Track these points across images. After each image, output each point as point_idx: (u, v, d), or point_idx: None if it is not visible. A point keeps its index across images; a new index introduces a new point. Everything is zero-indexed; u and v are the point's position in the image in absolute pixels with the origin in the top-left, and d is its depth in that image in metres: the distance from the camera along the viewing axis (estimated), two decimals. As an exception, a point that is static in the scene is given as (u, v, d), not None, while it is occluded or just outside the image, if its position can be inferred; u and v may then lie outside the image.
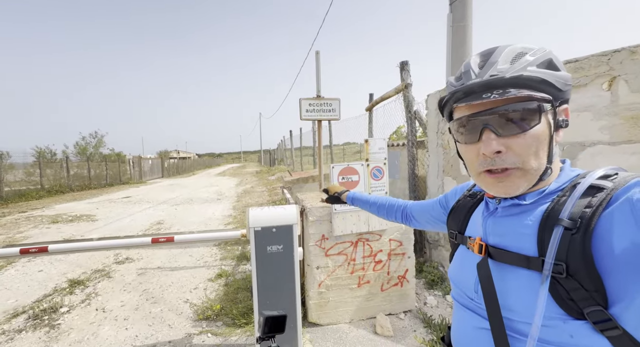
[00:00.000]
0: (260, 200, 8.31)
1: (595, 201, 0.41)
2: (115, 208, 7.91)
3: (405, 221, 0.93)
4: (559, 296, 0.41)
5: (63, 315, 2.52)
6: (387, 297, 2.37)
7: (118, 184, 15.46)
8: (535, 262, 0.43)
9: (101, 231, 5.40)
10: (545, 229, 0.43)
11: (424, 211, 0.85)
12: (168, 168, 23.07)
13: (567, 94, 0.47)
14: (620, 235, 0.37)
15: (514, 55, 0.46)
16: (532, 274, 0.44)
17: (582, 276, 0.39)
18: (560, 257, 0.40)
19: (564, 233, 0.41)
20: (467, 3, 3.53)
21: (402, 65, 3.40)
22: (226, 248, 4.12)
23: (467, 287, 0.55)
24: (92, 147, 19.18)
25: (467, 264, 0.56)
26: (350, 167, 2.17)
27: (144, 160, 19.43)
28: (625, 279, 0.37)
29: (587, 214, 0.40)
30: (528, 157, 0.45)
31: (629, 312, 0.37)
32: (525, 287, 0.44)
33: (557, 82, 0.44)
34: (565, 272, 0.40)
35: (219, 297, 2.74)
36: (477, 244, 0.53)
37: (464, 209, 0.63)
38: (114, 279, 3.24)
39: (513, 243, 0.48)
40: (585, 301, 0.39)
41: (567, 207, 0.42)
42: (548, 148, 0.46)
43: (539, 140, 0.45)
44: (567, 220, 0.41)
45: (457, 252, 0.62)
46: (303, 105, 3.09)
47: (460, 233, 0.61)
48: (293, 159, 14.16)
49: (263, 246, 1.75)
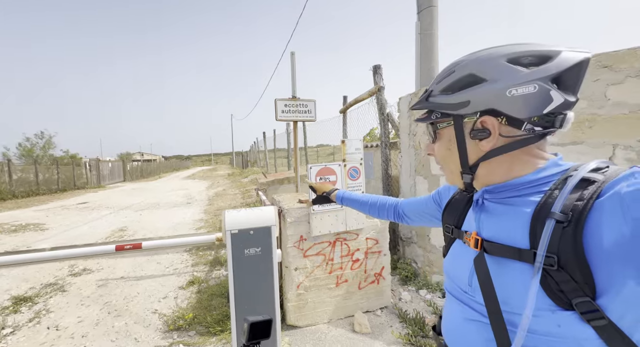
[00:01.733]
0: (233, 203, 8.05)
1: (587, 193, 0.42)
2: (69, 215, 7.19)
3: (398, 219, 0.95)
4: (549, 288, 0.42)
5: (6, 337, 2.23)
6: (365, 295, 2.41)
7: (72, 189, 14.08)
8: (527, 254, 0.44)
9: (52, 241, 4.88)
10: (538, 222, 0.44)
11: (416, 208, 0.87)
12: (131, 171, 21.50)
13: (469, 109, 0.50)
14: (609, 227, 0.38)
15: (430, 85, 0.57)
16: (524, 266, 0.45)
17: (572, 268, 0.40)
18: (552, 250, 0.41)
19: (556, 226, 0.42)
20: (434, 12, 3.75)
21: (374, 68, 3.51)
22: (198, 254, 3.93)
23: (461, 280, 0.57)
24: (39, 149, 17.30)
25: (462, 258, 0.58)
26: (327, 167, 2.19)
27: (103, 163, 17.92)
28: (613, 271, 0.38)
29: (578, 206, 0.41)
30: (441, 162, 0.60)
31: (615, 303, 0.39)
32: (518, 279, 0.45)
33: (444, 105, 0.53)
34: (557, 265, 0.41)
35: (191, 305, 2.60)
36: (472, 238, 0.54)
37: (461, 203, 0.65)
38: (69, 293, 2.94)
39: (506, 236, 0.49)
40: (574, 292, 0.40)
41: (559, 200, 0.43)
42: (459, 157, 0.54)
43: (441, 150, 0.58)
44: (559, 213, 0.42)
45: (452, 246, 0.63)
46: (279, 106, 3.06)
47: (457, 227, 0.62)
48: (267, 160, 13.93)
49: (240, 249, 1.70)
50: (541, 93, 0.45)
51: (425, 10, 3.75)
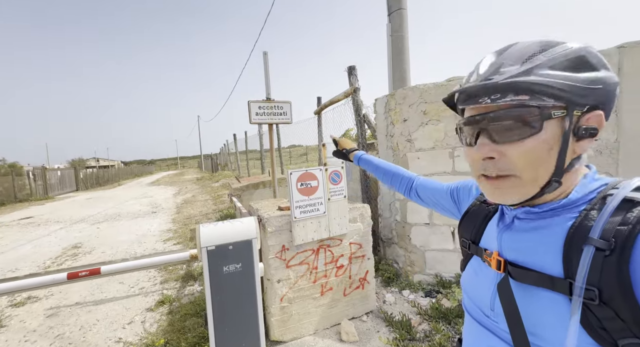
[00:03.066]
0: (204, 210, 7.62)
1: (632, 217, 0.36)
2: (8, 233, 6.29)
3: (407, 194, 0.92)
4: (590, 325, 0.37)
5: None
6: (350, 301, 2.36)
7: (12, 202, 12.42)
8: (561, 284, 0.39)
9: (-12, 265, 4.20)
10: (572, 247, 0.39)
11: (430, 192, 0.83)
12: (84, 179, 19.55)
13: (592, 99, 0.41)
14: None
15: (529, 55, 0.42)
16: (557, 296, 0.40)
17: (617, 304, 0.35)
18: (592, 282, 0.36)
19: (596, 254, 0.36)
20: (403, 15, 3.82)
21: (349, 69, 3.48)
22: (167, 269, 3.61)
23: (482, 303, 0.52)
24: (-30, 158, 15.07)
25: (482, 279, 0.52)
26: (308, 172, 2.09)
27: (51, 171, 16.07)
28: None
29: (622, 232, 0.36)
30: (525, 167, 0.42)
31: None
32: (549, 310, 0.41)
33: (570, 87, 0.40)
34: (598, 299, 0.36)
35: (162, 329, 2.35)
36: (494, 259, 0.49)
37: (479, 217, 0.58)
38: (9, 329, 2.51)
39: (533, 260, 0.44)
40: (620, 332, 0.35)
41: (598, 223, 0.38)
42: (557, 159, 0.42)
43: (540, 150, 0.42)
44: (598, 239, 0.37)
45: (470, 263, 0.57)
46: (252, 108, 2.91)
47: (474, 243, 0.57)
48: (238, 163, 13.44)
49: (218, 266, 1.55)
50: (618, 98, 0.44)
51: (395, 12, 3.81)
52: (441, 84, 2.60)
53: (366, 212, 2.42)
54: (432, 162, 2.66)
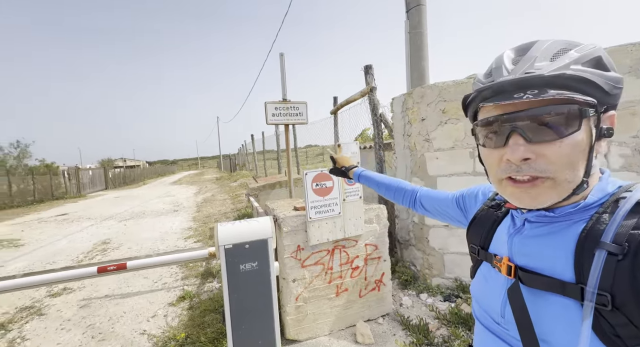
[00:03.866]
0: (223, 209, 7.83)
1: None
2: (47, 229, 6.79)
3: (412, 206, 0.90)
4: (602, 331, 0.36)
5: (-24, 371, 2.02)
6: (366, 303, 2.33)
7: (50, 200, 13.38)
8: (573, 289, 0.38)
9: (28, 258, 4.55)
10: (584, 252, 0.38)
11: (435, 202, 0.81)
12: (113, 178, 20.70)
13: (614, 99, 0.41)
14: None
15: (557, 50, 0.40)
16: (568, 301, 0.39)
17: (630, 310, 0.34)
18: (604, 287, 0.36)
19: (608, 258, 0.36)
20: (422, 11, 3.73)
21: (366, 69, 3.45)
22: (188, 265, 3.74)
23: (492, 310, 0.50)
24: (13, 159, 16.41)
25: (492, 285, 0.51)
26: (324, 173, 2.09)
27: (83, 171, 17.15)
28: None
29: (636, 237, 0.35)
30: (562, 167, 0.40)
31: None
32: (560, 316, 0.40)
33: (605, 84, 0.39)
34: (611, 305, 0.35)
35: (183, 323, 2.44)
36: (504, 264, 0.48)
37: (488, 222, 0.57)
38: (48, 317, 2.71)
39: (544, 265, 0.43)
40: (634, 339, 0.34)
41: (610, 227, 0.37)
42: (587, 159, 0.40)
43: (576, 150, 0.39)
44: (611, 243, 0.36)
45: (480, 269, 0.56)
46: (269, 109, 2.95)
47: (483, 249, 0.56)
48: (256, 163, 13.70)
49: (235, 264, 1.58)
50: None
51: (414, 8, 3.73)
52: (461, 82, 2.52)
53: (382, 213, 2.39)
54: (451, 162, 2.57)
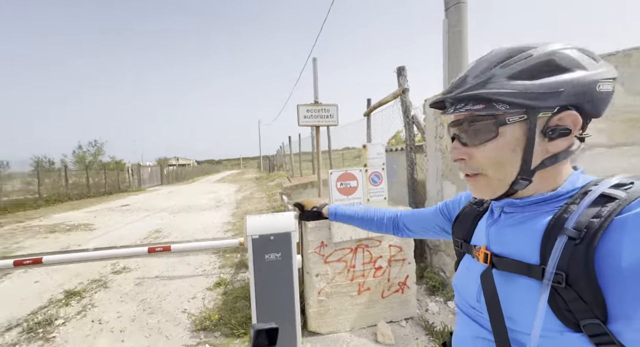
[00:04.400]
0: (259, 206, 8.27)
1: (605, 211, 0.39)
2: (113, 217, 7.86)
3: (397, 232, 0.89)
4: (557, 307, 0.40)
5: (58, 327, 2.47)
6: (388, 304, 2.33)
7: (117, 192, 15.41)
8: (536, 270, 0.42)
9: (99, 241, 5.35)
10: (550, 237, 0.42)
11: (420, 219, 0.83)
12: (167, 175, 23.04)
13: (555, 102, 0.43)
14: (630, 249, 0.36)
15: (488, 68, 0.46)
16: (533, 282, 0.43)
17: (581, 287, 0.38)
18: (561, 267, 0.39)
19: (568, 242, 0.40)
20: (462, 9, 3.58)
21: (399, 70, 3.43)
22: (225, 256, 4.07)
23: (469, 295, 0.54)
24: (90, 156, 19.22)
25: (470, 273, 0.55)
26: (348, 173, 2.16)
27: (143, 168, 19.42)
28: (630, 295, 0.36)
29: (594, 224, 0.39)
30: (489, 167, 0.48)
31: (630, 329, 0.36)
32: (525, 295, 0.44)
33: (524, 94, 0.42)
34: (565, 282, 0.39)
35: (217, 306, 2.69)
36: (482, 253, 0.52)
37: (470, 217, 0.62)
38: (111, 289, 3.19)
39: (515, 251, 0.47)
40: (582, 313, 0.38)
41: (573, 215, 0.41)
42: (522, 159, 0.45)
43: (500, 152, 0.46)
44: (571, 229, 0.40)
45: (462, 261, 0.61)
46: (301, 111, 3.10)
47: (465, 242, 0.60)
48: (292, 164, 14.16)
49: (261, 254, 1.73)
50: (612, 94, 0.44)
51: (454, 6, 3.59)
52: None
53: (408, 215, 2.37)
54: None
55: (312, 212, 1.07)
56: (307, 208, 1.08)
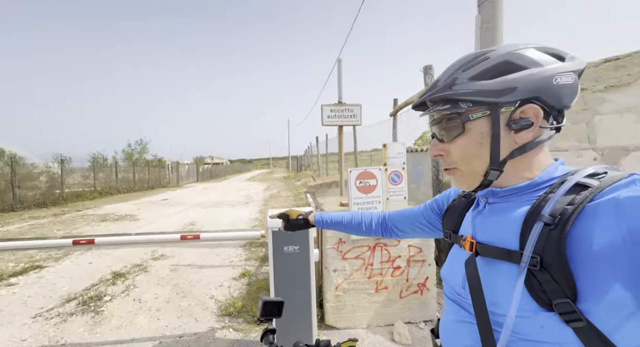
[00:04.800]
0: (285, 204, 8.51)
1: (579, 198, 0.42)
2: (154, 209, 8.59)
3: (385, 233, 0.90)
4: (533, 288, 0.42)
5: (106, 303, 2.81)
6: (406, 304, 2.31)
7: (158, 187, 16.75)
8: (516, 255, 0.45)
9: (142, 230, 5.89)
10: (528, 225, 0.45)
11: (408, 218, 0.84)
12: (202, 173, 24.50)
13: (515, 96, 0.46)
14: (600, 234, 0.38)
15: (452, 72, 0.51)
16: (513, 267, 0.46)
17: (554, 269, 0.41)
18: (537, 251, 0.42)
19: (543, 228, 0.42)
20: (497, 4, 3.40)
21: (425, 69, 3.36)
22: (251, 249, 4.28)
23: (455, 283, 0.57)
24: (137, 154, 21.11)
25: (457, 262, 0.58)
26: (367, 171, 2.19)
27: (182, 165, 20.87)
28: (598, 276, 0.38)
29: (567, 210, 0.41)
30: (461, 161, 0.52)
31: (598, 307, 0.38)
32: (505, 280, 0.46)
33: (482, 93, 0.47)
34: (539, 265, 0.41)
35: (241, 295, 2.87)
36: (468, 242, 0.55)
37: (458, 208, 0.65)
38: (150, 273, 3.53)
39: (498, 238, 0.50)
40: (555, 293, 0.41)
41: (549, 203, 0.44)
42: (490, 152, 0.49)
43: (469, 147, 0.50)
44: (547, 216, 0.43)
45: (450, 252, 0.63)
46: (325, 111, 3.18)
47: (454, 232, 0.63)
48: (319, 164, 14.31)
49: (280, 245, 1.83)
50: (574, 85, 0.47)
51: (487, 1, 3.44)
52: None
53: (429, 216, 2.33)
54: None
55: (297, 221, 0.98)
56: (292, 217, 1.00)
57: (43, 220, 7.15)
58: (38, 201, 9.41)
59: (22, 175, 9.52)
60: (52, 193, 10.26)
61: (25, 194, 9.32)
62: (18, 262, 4.00)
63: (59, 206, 9.55)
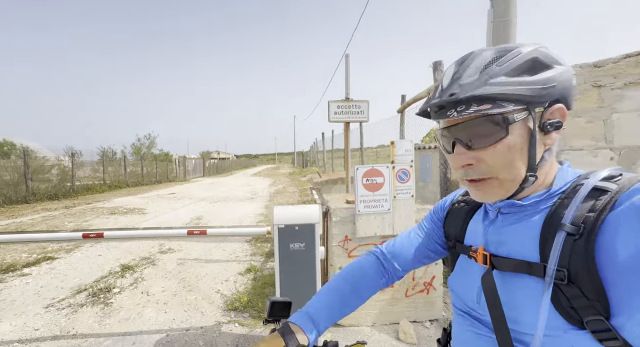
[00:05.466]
0: (291, 200, 8.53)
1: (599, 204, 0.39)
2: (162, 203, 8.71)
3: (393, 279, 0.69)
4: (560, 304, 0.40)
5: (115, 295, 2.86)
6: (412, 303, 2.30)
7: (166, 181, 16.97)
8: (537, 268, 0.42)
9: (149, 223, 5.99)
10: (548, 235, 0.42)
11: (412, 247, 0.68)
12: (209, 168, 24.72)
13: (550, 96, 0.43)
14: (625, 242, 0.36)
15: (482, 67, 0.44)
16: (534, 281, 0.43)
17: (583, 283, 0.38)
18: (563, 264, 0.39)
19: (567, 238, 0.39)
20: (511, -4, 3.30)
21: (435, 65, 3.29)
22: (256, 245, 4.31)
23: (468, 298, 0.54)
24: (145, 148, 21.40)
25: (469, 275, 0.54)
26: (375, 169, 2.16)
27: (188, 160, 21.08)
28: (629, 289, 0.35)
29: (590, 218, 0.39)
30: (501, 168, 0.45)
31: (631, 323, 0.36)
32: (527, 294, 0.43)
33: (526, 90, 0.42)
34: (567, 279, 0.38)
35: (247, 290, 2.89)
36: (480, 254, 0.51)
37: (461, 215, 0.61)
38: (158, 267, 3.59)
39: (515, 250, 0.47)
40: (586, 309, 0.38)
41: (569, 211, 0.41)
42: (528, 156, 0.44)
43: (511, 152, 0.44)
44: (569, 225, 0.40)
45: (458, 262, 0.60)
46: (331, 107, 3.15)
47: (459, 242, 0.59)
48: (325, 161, 14.29)
49: (286, 242, 1.83)
50: (575, 88, 0.46)
51: (500, -6, 3.33)
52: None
53: (437, 214, 2.30)
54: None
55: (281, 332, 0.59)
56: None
57: (55, 212, 7.32)
58: (50, 193, 9.63)
59: (34, 168, 9.74)
60: (64, 186, 10.48)
61: (37, 187, 9.54)
62: (31, 252, 4.10)
63: (70, 199, 9.76)
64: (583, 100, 2.06)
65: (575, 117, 2.08)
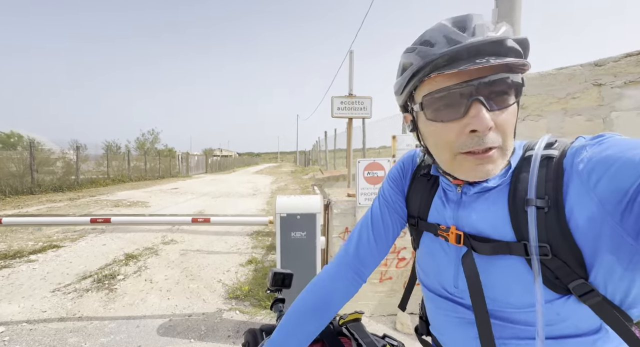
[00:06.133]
0: (292, 197, 8.60)
1: (551, 173, 0.40)
2: (165, 197, 8.80)
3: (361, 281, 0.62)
4: (547, 278, 0.39)
5: (119, 282, 2.93)
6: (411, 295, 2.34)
7: (168, 176, 17.09)
8: (517, 247, 0.41)
9: (152, 216, 6.07)
10: (516, 211, 0.41)
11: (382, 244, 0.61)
12: (211, 165, 24.85)
13: None
14: (579, 205, 0.37)
15: (496, 24, 0.40)
16: (515, 259, 0.42)
17: (565, 254, 0.38)
18: (542, 239, 0.39)
19: (538, 213, 0.39)
20: (516, -3, 3.32)
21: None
22: (258, 238, 4.37)
23: (445, 280, 0.51)
24: (149, 143, 21.56)
25: (441, 255, 0.51)
26: (376, 162, 2.20)
27: (191, 156, 21.21)
28: (595, 250, 0.37)
29: (551, 188, 0.39)
30: (508, 136, 0.41)
31: (598, 276, 0.37)
32: (509, 274, 0.42)
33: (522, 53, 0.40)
34: (551, 253, 0.38)
35: (248, 280, 2.95)
36: (453, 233, 0.48)
37: (424, 191, 0.56)
38: (161, 257, 3.65)
39: (489, 230, 0.44)
40: (569, 276, 0.38)
41: (530, 184, 0.41)
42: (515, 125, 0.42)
43: (514, 117, 0.41)
44: (536, 199, 0.39)
45: (423, 240, 0.56)
46: (335, 103, 3.19)
47: (421, 219, 0.55)
48: (327, 159, 14.33)
49: (287, 231, 1.88)
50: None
51: (505, -6, 3.35)
52: (548, 74, 2.21)
53: (436, 209, 2.34)
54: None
55: None
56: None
57: (59, 203, 7.42)
58: (55, 185, 9.75)
59: (40, 160, 9.86)
60: (68, 178, 10.60)
61: (43, 178, 9.66)
62: (37, 241, 4.19)
63: (74, 191, 9.88)
64: (583, 99, 2.09)
65: (575, 115, 2.11)
